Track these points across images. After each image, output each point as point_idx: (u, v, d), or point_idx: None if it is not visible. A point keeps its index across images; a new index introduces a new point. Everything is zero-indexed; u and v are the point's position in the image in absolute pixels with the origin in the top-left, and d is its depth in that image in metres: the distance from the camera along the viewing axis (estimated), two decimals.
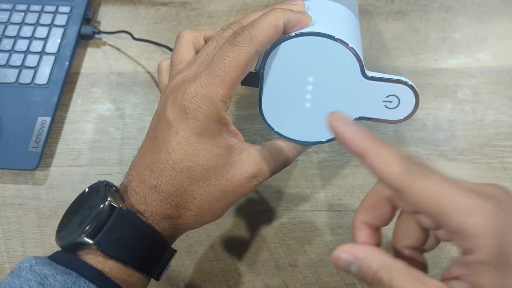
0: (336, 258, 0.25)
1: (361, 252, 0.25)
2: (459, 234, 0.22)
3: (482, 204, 0.22)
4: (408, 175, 0.23)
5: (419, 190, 0.23)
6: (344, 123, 0.24)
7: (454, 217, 0.22)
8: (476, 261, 0.22)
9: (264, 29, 0.29)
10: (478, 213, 0.22)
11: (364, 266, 0.25)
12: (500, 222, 0.22)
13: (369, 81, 0.31)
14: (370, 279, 0.24)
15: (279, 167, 0.33)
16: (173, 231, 0.31)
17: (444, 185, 0.23)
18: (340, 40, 0.30)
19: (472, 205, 0.22)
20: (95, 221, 0.28)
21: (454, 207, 0.22)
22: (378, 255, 0.25)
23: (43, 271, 0.27)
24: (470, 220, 0.22)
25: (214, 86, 0.29)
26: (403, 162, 0.23)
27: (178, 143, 0.29)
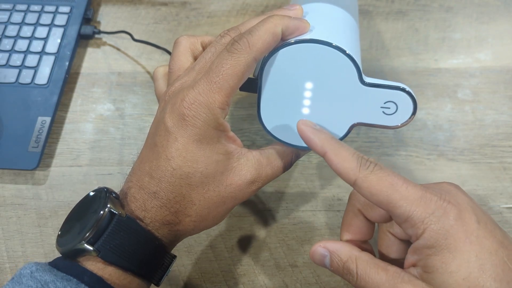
0: (313, 252, 0.29)
1: (332, 246, 0.29)
2: (407, 221, 0.26)
3: (426, 194, 0.26)
4: (363, 170, 0.27)
5: (371, 182, 0.26)
6: (310, 128, 0.29)
7: (402, 206, 0.26)
8: (423, 245, 0.26)
9: (262, 36, 0.29)
10: (421, 203, 0.26)
11: (335, 258, 0.28)
12: (441, 209, 0.25)
13: (367, 87, 0.31)
14: (341, 270, 0.28)
15: (278, 172, 0.33)
16: (172, 237, 0.31)
17: (394, 179, 0.26)
18: (338, 47, 0.30)
19: (417, 196, 0.26)
20: (95, 228, 0.28)
21: (402, 197, 0.26)
22: (347, 248, 0.29)
23: (44, 278, 0.27)
24: (415, 208, 0.25)
25: (212, 93, 0.29)
26: (358, 159, 0.27)
27: (177, 150, 0.29)
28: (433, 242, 0.25)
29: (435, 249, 0.25)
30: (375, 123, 0.32)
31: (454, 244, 0.25)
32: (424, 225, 0.25)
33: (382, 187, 0.26)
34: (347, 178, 0.27)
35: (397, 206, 0.26)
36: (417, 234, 0.26)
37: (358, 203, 0.31)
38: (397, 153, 0.46)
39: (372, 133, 0.47)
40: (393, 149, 0.46)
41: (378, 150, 0.46)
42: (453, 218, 0.25)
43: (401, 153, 0.46)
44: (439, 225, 0.25)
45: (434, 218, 0.25)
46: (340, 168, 0.27)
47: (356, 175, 0.27)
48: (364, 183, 0.26)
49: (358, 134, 0.47)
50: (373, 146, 0.47)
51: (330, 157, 0.28)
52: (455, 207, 0.26)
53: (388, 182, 0.26)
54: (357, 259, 0.28)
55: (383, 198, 0.26)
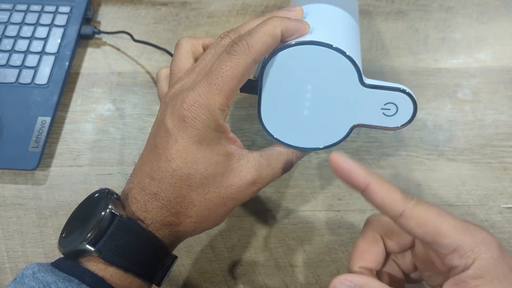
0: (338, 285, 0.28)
1: (361, 281, 0.28)
2: (456, 251, 0.25)
3: (471, 226, 0.26)
4: (409, 201, 0.26)
5: (420, 213, 0.26)
6: (347, 162, 0.27)
7: (451, 235, 0.25)
8: (471, 276, 0.25)
9: (262, 38, 0.29)
10: (469, 233, 0.26)
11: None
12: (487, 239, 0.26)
13: (367, 89, 0.31)
14: None
15: (278, 173, 0.33)
16: (173, 237, 0.32)
17: (440, 211, 0.26)
18: (338, 49, 0.30)
19: (463, 226, 0.26)
20: (96, 229, 0.28)
21: (450, 227, 0.26)
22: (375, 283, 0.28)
23: (46, 278, 0.27)
24: (465, 238, 0.25)
25: (212, 95, 0.29)
26: (401, 192, 0.27)
27: (177, 151, 0.30)
28: (484, 271, 0.25)
29: (485, 279, 0.25)
30: (375, 124, 0.32)
31: (502, 274, 0.25)
32: (475, 255, 0.25)
33: (430, 217, 0.26)
34: (393, 210, 0.26)
35: (446, 236, 0.25)
36: (466, 264, 0.25)
37: (381, 229, 0.30)
38: (397, 153, 0.46)
39: (372, 133, 0.47)
40: (393, 149, 0.46)
41: (378, 150, 0.46)
42: (498, 249, 0.25)
43: (401, 153, 0.46)
44: (489, 255, 0.25)
45: (483, 248, 0.25)
46: (386, 199, 0.26)
47: (404, 205, 0.26)
48: (414, 213, 0.26)
49: (358, 134, 0.47)
50: (373, 146, 0.47)
51: (375, 189, 0.27)
52: (495, 239, 0.26)
53: (435, 212, 0.26)
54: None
55: (432, 228, 0.26)
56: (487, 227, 0.42)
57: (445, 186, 0.44)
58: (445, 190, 0.44)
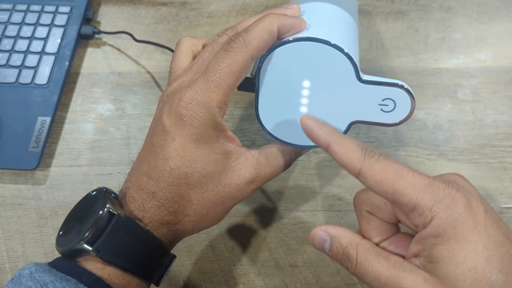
0: (313, 236, 0.28)
1: (333, 231, 0.28)
2: (414, 210, 0.25)
3: (433, 182, 0.25)
4: (367, 159, 0.26)
5: (376, 171, 0.26)
6: (314, 121, 0.28)
7: (408, 193, 0.25)
8: (429, 234, 0.25)
9: (258, 34, 0.29)
10: (430, 191, 0.25)
11: (335, 243, 0.28)
12: (449, 197, 0.24)
13: (365, 85, 0.31)
14: (340, 256, 0.27)
15: (277, 171, 0.33)
16: (172, 236, 0.31)
17: (399, 167, 0.26)
18: (335, 45, 0.30)
19: (424, 184, 0.25)
20: (94, 228, 0.28)
21: (408, 185, 0.25)
22: (348, 234, 0.28)
23: (43, 278, 0.27)
24: (422, 196, 0.25)
25: (209, 92, 0.29)
26: (362, 149, 0.27)
27: (175, 149, 0.29)
28: (441, 231, 0.24)
29: (441, 238, 0.24)
30: (373, 120, 0.32)
31: (462, 234, 0.24)
32: (432, 213, 0.24)
33: (387, 175, 0.25)
34: (351, 168, 0.26)
35: (403, 194, 0.25)
36: (425, 222, 0.25)
37: (365, 205, 0.30)
38: (397, 153, 0.46)
39: (372, 133, 0.47)
40: (393, 149, 0.46)
41: (378, 150, 0.46)
42: (462, 207, 0.24)
43: (401, 153, 0.46)
44: (448, 213, 0.24)
45: (442, 206, 0.24)
46: (345, 158, 0.26)
47: (361, 163, 0.26)
48: (369, 171, 0.26)
49: (358, 133, 0.47)
50: (373, 146, 0.47)
51: (334, 148, 0.27)
52: (463, 195, 0.25)
53: (393, 169, 0.25)
54: (358, 246, 0.27)
55: (389, 186, 0.25)
56: None
57: None
58: None
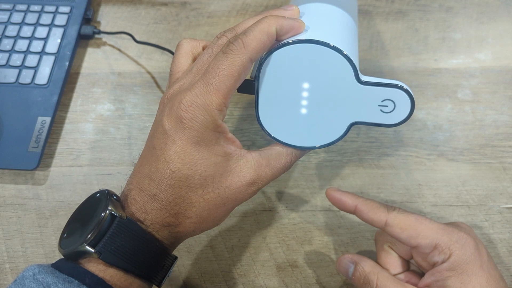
0: (340, 261, 0.36)
1: (359, 259, 0.35)
2: (435, 249, 0.31)
3: (447, 227, 0.32)
4: (390, 211, 0.33)
5: (400, 220, 0.32)
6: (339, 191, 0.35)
7: (429, 236, 0.31)
8: (445, 268, 0.31)
9: (257, 36, 0.29)
10: (446, 233, 0.32)
11: (359, 268, 0.34)
12: (463, 239, 0.31)
13: (364, 86, 0.31)
14: (362, 280, 0.34)
15: (278, 173, 0.33)
16: (173, 238, 0.32)
17: (418, 216, 0.33)
18: (334, 47, 0.30)
19: (440, 228, 0.32)
20: (96, 230, 0.28)
21: (428, 229, 0.32)
22: (372, 263, 0.34)
23: (46, 280, 0.28)
24: (441, 237, 0.31)
25: (209, 95, 0.29)
26: (384, 206, 0.33)
27: (176, 152, 0.29)
28: (456, 265, 0.31)
29: (455, 272, 0.30)
30: (373, 121, 0.32)
31: (472, 269, 0.30)
32: (450, 251, 0.31)
33: (410, 222, 0.32)
34: (379, 221, 0.33)
35: (425, 237, 0.31)
36: (444, 258, 0.31)
37: (387, 241, 0.36)
38: (397, 153, 0.46)
39: (372, 133, 0.47)
40: (393, 149, 0.46)
41: (378, 150, 0.46)
42: (472, 247, 0.31)
43: (401, 153, 0.46)
44: (462, 252, 0.31)
45: (458, 245, 0.31)
46: (371, 214, 0.33)
47: (386, 216, 0.32)
48: (395, 220, 0.32)
49: (358, 134, 0.47)
50: (373, 146, 0.47)
51: (361, 208, 0.34)
52: (472, 239, 0.32)
53: (414, 217, 0.32)
54: (379, 273, 0.33)
55: (412, 231, 0.32)
56: (487, 227, 0.42)
57: (445, 186, 0.44)
58: (445, 190, 0.44)
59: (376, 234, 0.37)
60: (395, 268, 0.35)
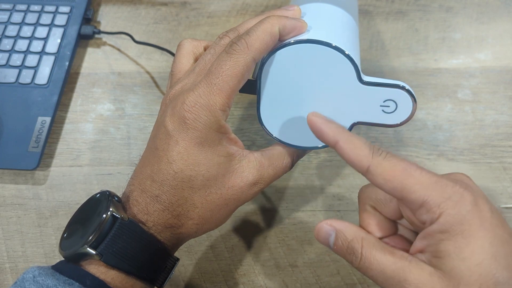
0: (318, 230, 0.28)
1: (339, 225, 0.28)
2: (422, 207, 0.25)
3: (441, 180, 0.25)
4: (375, 156, 0.26)
5: (385, 168, 0.26)
6: (321, 119, 0.29)
7: (417, 190, 0.25)
8: (436, 230, 0.25)
9: (260, 36, 0.29)
10: (438, 187, 0.25)
11: (340, 237, 0.28)
12: (458, 195, 0.25)
13: (366, 86, 0.31)
14: (345, 250, 0.27)
15: (279, 173, 0.33)
16: (175, 240, 0.32)
17: (407, 165, 0.26)
18: (336, 47, 0.30)
19: (432, 181, 0.25)
20: (97, 232, 0.28)
21: (417, 182, 0.25)
22: (354, 228, 0.28)
23: (46, 282, 0.27)
24: (430, 193, 0.25)
25: (212, 95, 0.29)
26: (370, 147, 0.27)
27: (179, 153, 0.29)
28: (448, 227, 0.25)
29: (448, 234, 0.25)
30: (375, 121, 0.32)
31: (469, 230, 0.24)
32: (440, 210, 0.25)
33: (396, 172, 0.25)
34: (359, 166, 0.27)
35: (411, 191, 0.25)
36: (432, 218, 0.25)
37: (370, 200, 0.30)
38: (397, 153, 0.46)
39: (372, 133, 0.47)
40: (393, 149, 0.46)
41: None
42: (469, 204, 0.25)
43: (401, 153, 0.46)
44: (456, 210, 0.25)
45: (450, 203, 0.25)
46: (353, 156, 0.27)
47: (370, 161, 0.26)
48: (378, 169, 0.26)
49: (358, 133, 0.47)
50: None
51: (342, 146, 0.27)
52: (471, 193, 0.25)
53: (401, 167, 0.26)
54: (363, 240, 0.27)
55: (397, 183, 0.25)
56: None
57: None
58: None
59: (359, 192, 0.31)
60: (379, 231, 0.29)
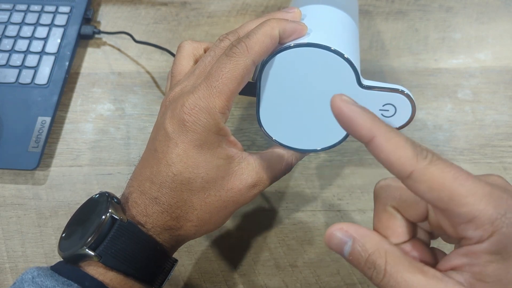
0: (330, 235, 0.24)
1: (357, 232, 0.23)
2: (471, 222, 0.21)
3: (495, 192, 0.21)
4: (420, 159, 0.21)
5: (433, 175, 0.21)
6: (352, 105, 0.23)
7: (468, 204, 0.21)
8: (485, 250, 0.21)
9: (260, 39, 0.29)
10: (491, 201, 0.21)
11: (358, 248, 0.23)
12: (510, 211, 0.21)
13: (365, 90, 0.31)
14: (363, 263, 0.23)
15: (279, 175, 0.33)
16: (174, 241, 0.32)
17: (458, 171, 0.21)
18: (336, 51, 0.30)
19: (485, 193, 0.21)
20: (96, 233, 0.28)
21: (468, 193, 0.21)
22: (376, 238, 0.24)
23: (45, 283, 0.27)
24: (484, 207, 0.21)
25: (212, 98, 0.29)
26: (414, 147, 0.22)
27: (178, 155, 0.29)
28: (501, 248, 0.21)
29: (500, 256, 0.21)
30: None
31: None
32: (494, 228, 0.21)
33: (445, 181, 0.21)
34: (400, 170, 0.22)
35: (461, 204, 0.21)
36: (482, 236, 0.21)
37: (392, 199, 0.26)
38: None
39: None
40: None
41: None
42: None
43: None
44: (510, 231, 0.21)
45: (506, 221, 0.21)
46: (393, 157, 0.22)
47: (414, 165, 0.21)
48: (424, 175, 0.21)
49: None
50: None
51: (381, 143, 0.22)
52: None
53: (452, 174, 0.21)
54: (387, 254, 0.23)
55: (445, 194, 0.21)
56: None
57: None
58: None
59: (377, 188, 0.26)
60: (398, 236, 0.25)
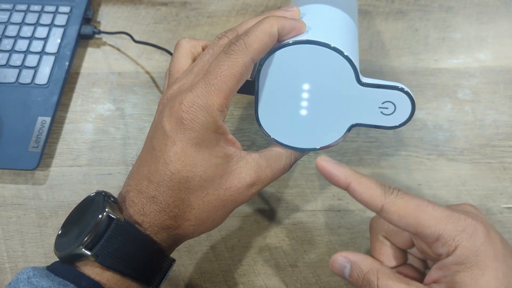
0: (333, 262, 0.30)
1: (353, 257, 0.30)
2: (438, 240, 0.27)
3: (453, 213, 0.27)
4: (388, 195, 0.28)
5: (399, 206, 0.27)
6: (331, 163, 0.29)
7: (431, 225, 0.26)
8: (452, 262, 0.26)
9: (259, 37, 0.29)
10: (451, 221, 0.26)
11: (356, 269, 0.29)
12: (471, 227, 0.26)
13: (365, 88, 0.31)
14: (360, 281, 0.29)
15: (277, 174, 0.33)
16: (172, 241, 0.31)
17: (419, 201, 0.27)
18: (335, 48, 0.30)
19: (444, 215, 0.27)
20: (93, 233, 0.28)
21: (430, 217, 0.27)
22: (369, 260, 0.30)
23: (41, 283, 0.27)
24: (445, 227, 0.26)
25: (210, 95, 0.29)
26: (381, 187, 0.28)
27: (176, 154, 0.29)
28: (464, 258, 0.26)
29: (464, 266, 0.26)
30: (373, 123, 0.32)
31: (483, 261, 0.26)
32: (456, 242, 0.26)
33: (409, 210, 0.27)
34: (373, 205, 0.28)
35: (426, 226, 0.26)
36: (448, 251, 0.26)
37: (382, 230, 0.32)
38: (397, 153, 0.46)
39: (372, 133, 0.47)
40: (393, 149, 0.46)
41: (378, 150, 0.46)
42: (483, 236, 0.26)
43: (401, 153, 0.46)
44: (471, 242, 0.26)
45: (465, 235, 0.26)
46: (366, 196, 0.28)
47: (383, 200, 0.27)
48: (392, 207, 0.27)
49: (358, 134, 0.47)
50: (373, 146, 0.47)
51: (354, 187, 0.28)
52: (483, 225, 0.27)
53: (414, 204, 0.27)
54: (379, 272, 0.29)
55: (412, 220, 0.27)
56: None
57: (445, 186, 0.44)
58: (445, 190, 0.44)
59: (371, 221, 0.33)
60: (392, 260, 0.31)
